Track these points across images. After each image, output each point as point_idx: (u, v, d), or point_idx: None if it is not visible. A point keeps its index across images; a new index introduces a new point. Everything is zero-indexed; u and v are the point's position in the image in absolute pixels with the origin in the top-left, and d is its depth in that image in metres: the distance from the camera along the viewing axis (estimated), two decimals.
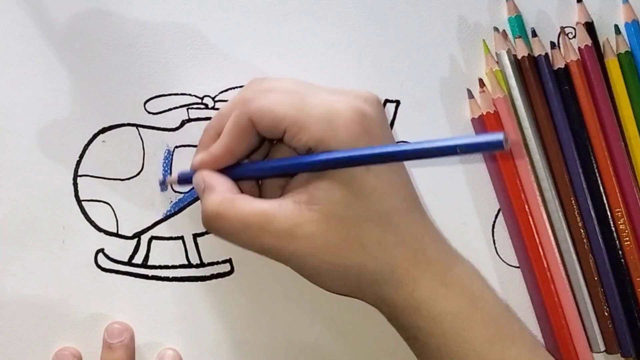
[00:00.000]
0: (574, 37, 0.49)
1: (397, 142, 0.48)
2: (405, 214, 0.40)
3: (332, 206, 0.38)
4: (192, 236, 0.46)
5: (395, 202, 0.39)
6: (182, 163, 0.46)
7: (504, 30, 0.49)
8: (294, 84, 0.41)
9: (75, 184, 0.45)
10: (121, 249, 0.45)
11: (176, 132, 0.46)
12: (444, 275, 0.40)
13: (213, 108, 0.46)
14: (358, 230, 0.39)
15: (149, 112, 0.46)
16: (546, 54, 0.48)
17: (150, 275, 0.46)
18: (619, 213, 0.47)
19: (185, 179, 0.44)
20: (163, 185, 0.46)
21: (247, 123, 0.40)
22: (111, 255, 0.45)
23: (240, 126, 0.40)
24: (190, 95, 0.46)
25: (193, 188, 0.46)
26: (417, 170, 0.48)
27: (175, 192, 0.46)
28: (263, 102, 0.40)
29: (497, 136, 0.34)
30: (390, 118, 0.48)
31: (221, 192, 0.40)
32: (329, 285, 0.41)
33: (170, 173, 0.46)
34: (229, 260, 0.46)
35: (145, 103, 0.46)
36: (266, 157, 0.44)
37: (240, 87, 0.46)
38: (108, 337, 0.44)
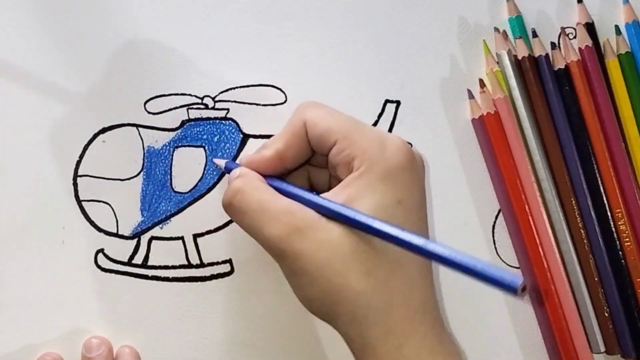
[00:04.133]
0: (575, 37, 0.49)
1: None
2: (419, 270, 0.39)
3: (352, 230, 0.38)
4: (192, 236, 0.46)
5: (411, 256, 0.38)
6: (182, 163, 0.46)
7: (504, 31, 0.49)
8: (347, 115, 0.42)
9: (75, 184, 0.45)
10: (121, 249, 0.45)
11: (176, 132, 0.46)
12: (433, 341, 0.39)
13: (213, 108, 0.46)
14: (370, 260, 0.38)
15: (149, 112, 0.46)
16: (547, 54, 0.48)
17: (150, 275, 0.46)
18: (619, 214, 0.47)
19: (229, 170, 0.44)
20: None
21: (301, 127, 0.41)
22: (111, 256, 0.45)
23: (293, 130, 0.41)
24: (190, 95, 0.46)
25: (194, 188, 0.46)
26: None
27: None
28: (319, 112, 0.41)
29: (514, 280, 0.33)
30: (390, 119, 0.48)
31: (251, 178, 0.41)
32: (315, 303, 0.39)
33: (171, 172, 0.46)
34: (229, 261, 0.46)
35: (145, 103, 0.46)
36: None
37: (241, 87, 0.47)
38: (86, 351, 0.44)
